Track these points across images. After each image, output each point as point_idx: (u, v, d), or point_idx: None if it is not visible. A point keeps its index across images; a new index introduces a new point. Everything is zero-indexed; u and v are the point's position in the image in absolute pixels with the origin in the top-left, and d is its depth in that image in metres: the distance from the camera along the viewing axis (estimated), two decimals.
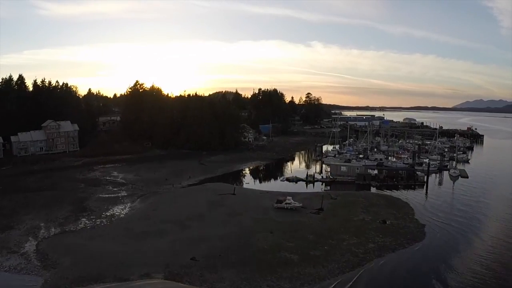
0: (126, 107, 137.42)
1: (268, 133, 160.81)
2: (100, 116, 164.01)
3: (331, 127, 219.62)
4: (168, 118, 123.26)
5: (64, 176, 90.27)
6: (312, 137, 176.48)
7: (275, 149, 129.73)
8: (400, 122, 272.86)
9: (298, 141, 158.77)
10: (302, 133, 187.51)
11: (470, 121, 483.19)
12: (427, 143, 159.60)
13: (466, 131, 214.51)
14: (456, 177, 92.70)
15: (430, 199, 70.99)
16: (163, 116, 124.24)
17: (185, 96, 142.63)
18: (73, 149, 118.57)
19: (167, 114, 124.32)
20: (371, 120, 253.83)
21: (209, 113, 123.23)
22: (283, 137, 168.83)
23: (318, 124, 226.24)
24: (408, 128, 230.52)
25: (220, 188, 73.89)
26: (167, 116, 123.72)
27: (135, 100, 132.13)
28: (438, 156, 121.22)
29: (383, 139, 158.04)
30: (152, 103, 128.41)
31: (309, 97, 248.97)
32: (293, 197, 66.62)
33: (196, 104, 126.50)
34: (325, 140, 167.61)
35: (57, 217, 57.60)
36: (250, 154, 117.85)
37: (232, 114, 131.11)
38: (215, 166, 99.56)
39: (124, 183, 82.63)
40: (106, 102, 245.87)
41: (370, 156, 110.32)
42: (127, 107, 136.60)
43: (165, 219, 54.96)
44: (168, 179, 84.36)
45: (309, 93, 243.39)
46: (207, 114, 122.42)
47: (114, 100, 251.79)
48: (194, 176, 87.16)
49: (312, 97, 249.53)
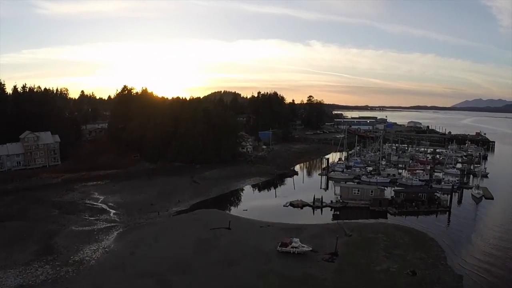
0: (113, 114, 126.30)
1: (268, 141, 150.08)
2: (88, 123, 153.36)
3: (334, 132, 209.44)
4: (158, 128, 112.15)
5: (39, 198, 79.74)
6: (315, 144, 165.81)
7: (276, 161, 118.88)
8: (405, 126, 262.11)
9: (300, 150, 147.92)
10: (304, 139, 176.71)
11: (473, 123, 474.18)
12: (439, 151, 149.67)
13: (475, 136, 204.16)
14: (480, 198, 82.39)
15: (458, 233, 60.30)
16: (153, 125, 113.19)
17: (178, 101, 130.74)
18: (53, 163, 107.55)
19: (157, 123, 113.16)
20: (375, 124, 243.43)
21: (203, 122, 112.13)
22: (284, 145, 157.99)
23: (320, 129, 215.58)
24: (415, 133, 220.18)
25: (213, 218, 63.18)
26: (157, 125, 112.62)
27: (122, 107, 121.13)
28: (454, 169, 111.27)
29: (392, 147, 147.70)
30: (141, 110, 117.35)
31: (310, 99, 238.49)
32: (300, 231, 56.42)
33: (189, 112, 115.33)
34: (328, 148, 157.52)
35: (16, 262, 47.39)
36: (248, 168, 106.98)
37: (229, 122, 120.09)
38: (209, 185, 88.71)
39: (103, 209, 71.87)
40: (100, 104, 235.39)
41: (382, 170, 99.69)
42: (114, 114, 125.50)
43: (143, 270, 44.23)
44: (154, 203, 73.53)
45: (310, 96, 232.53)
46: (201, 124, 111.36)
47: (108, 102, 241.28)
48: (184, 200, 76.25)
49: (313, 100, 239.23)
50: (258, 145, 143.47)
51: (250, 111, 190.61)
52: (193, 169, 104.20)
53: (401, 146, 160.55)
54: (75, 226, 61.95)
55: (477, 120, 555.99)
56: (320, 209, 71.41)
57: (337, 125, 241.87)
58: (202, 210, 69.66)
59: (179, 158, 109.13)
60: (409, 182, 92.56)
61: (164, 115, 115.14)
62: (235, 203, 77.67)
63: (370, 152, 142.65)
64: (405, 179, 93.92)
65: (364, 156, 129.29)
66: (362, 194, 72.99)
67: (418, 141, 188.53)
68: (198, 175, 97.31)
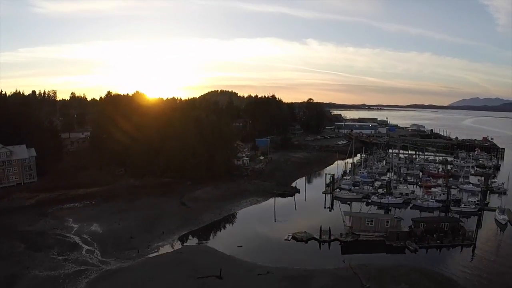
0: (97, 123, 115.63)
1: (266, 149, 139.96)
2: (73, 131, 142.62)
3: (335, 137, 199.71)
4: (144, 139, 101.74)
5: (7, 226, 69.29)
6: (315, 152, 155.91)
7: (274, 175, 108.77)
8: (409, 130, 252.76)
9: (301, 159, 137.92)
10: (304, 146, 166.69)
11: (474, 124, 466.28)
12: (449, 160, 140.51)
13: (483, 142, 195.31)
14: (505, 225, 72.84)
15: (493, 279, 50.64)
16: (139, 135, 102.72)
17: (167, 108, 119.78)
18: (29, 180, 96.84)
19: (143, 133, 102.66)
20: (377, 128, 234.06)
21: (194, 133, 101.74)
22: (283, 153, 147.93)
23: (321, 134, 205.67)
24: (419, 138, 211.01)
25: (201, 260, 52.94)
26: (143, 136, 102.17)
27: (106, 114, 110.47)
28: (470, 185, 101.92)
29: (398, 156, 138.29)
30: (126, 119, 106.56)
31: (310, 102, 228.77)
32: (307, 280, 46.77)
33: (179, 121, 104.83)
34: (331, 157, 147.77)
35: None
36: (245, 185, 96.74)
37: (223, 132, 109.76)
38: (200, 208, 78.33)
39: (75, 244, 61.38)
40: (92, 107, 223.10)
41: (393, 189, 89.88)
42: (97, 123, 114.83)
43: None
44: (134, 236, 63.12)
45: (310, 99, 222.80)
46: (192, 135, 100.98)
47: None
48: (170, 231, 65.85)
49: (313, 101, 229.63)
50: (255, 154, 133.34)
51: (247, 116, 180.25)
52: (183, 186, 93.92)
53: (409, 154, 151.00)
54: (40, 270, 51.52)
55: (478, 121, 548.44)
56: (328, 243, 61.42)
57: (337, 129, 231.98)
58: (189, 247, 59.51)
59: (168, 173, 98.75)
60: (425, 203, 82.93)
61: (151, 125, 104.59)
62: (228, 235, 67.17)
63: (376, 162, 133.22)
64: (420, 200, 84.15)
65: (370, 168, 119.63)
66: (376, 225, 63.04)
67: (424, 147, 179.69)
68: (188, 195, 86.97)
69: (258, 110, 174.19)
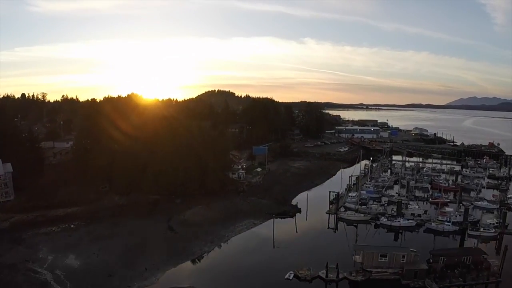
0: (80, 132, 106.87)
1: (264, 158, 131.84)
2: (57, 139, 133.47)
3: (336, 143, 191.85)
4: (130, 150, 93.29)
5: None
6: (316, 161, 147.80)
7: (273, 190, 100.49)
8: (412, 134, 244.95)
9: (301, 170, 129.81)
10: (304, 153, 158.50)
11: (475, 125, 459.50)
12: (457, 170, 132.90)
13: (489, 147, 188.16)
14: None
15: None
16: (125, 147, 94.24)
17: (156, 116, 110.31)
18: (5, 199, 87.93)
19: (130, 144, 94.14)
20: (379, 132, 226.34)
21: (185, 144, 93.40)
22: (282, 161, 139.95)
23: (321, 139, 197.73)
24: (424, 143, 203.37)
25: None
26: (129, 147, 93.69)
27: (91, 123, 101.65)
28: (485, 202, 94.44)
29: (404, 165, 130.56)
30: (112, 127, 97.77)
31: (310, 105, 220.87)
32: None
33: (170, 131, 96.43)
34: (332, 166, 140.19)
35: None
36: (240, 203, 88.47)
37: (217, 144, 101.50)
38: (189, 235, 69.88)
39: (46, 283, 53.24)
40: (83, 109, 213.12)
41: (404, 209, 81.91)
42: (80, 133, 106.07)
43: None
44: (113, 274, 54.89)
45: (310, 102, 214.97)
46: (183, 147, 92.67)
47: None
48: (154, 266, 57.46)
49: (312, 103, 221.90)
50: (252, 165, 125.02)
51: (243, 121, 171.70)
52: (172, 205, 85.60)
53: (415, 163, 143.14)
54: None
55: (478, 122, 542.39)
56: (336, 283, 53.31)
57: (338, 133, 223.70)
58: None
59: (156, 190, 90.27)
60: (440, 227, 75.08)
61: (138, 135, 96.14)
62: (221, 271, 58.38)
63: (382, 173, 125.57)
64: (435, 223, 76.21)
65: (376, 180, 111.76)
66: (390, 261, 54.99)
67: (429, 153, 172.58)
68: (177, 217, 78.53)
69: (255, 115, 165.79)
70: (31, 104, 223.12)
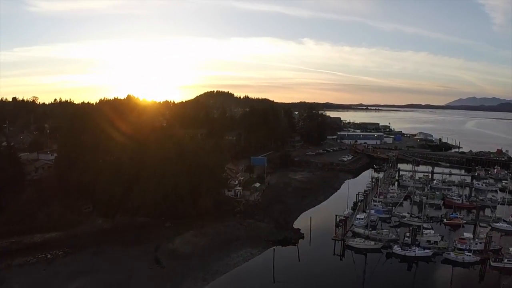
0: (62, 147, 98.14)
1: (263, 170, 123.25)
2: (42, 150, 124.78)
3: (338, 150, 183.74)
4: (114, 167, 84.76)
5: None
6: (319, 172, 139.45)
7: (273, 210, 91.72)
8: (416, 140, 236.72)
9: (303, 183, 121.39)
10: (306, 163, 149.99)
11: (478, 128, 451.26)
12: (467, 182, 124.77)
13: (498, 154, 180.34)
14: None
15: None
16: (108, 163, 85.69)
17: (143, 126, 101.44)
18: None
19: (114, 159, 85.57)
20: (383, 138, 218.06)
21: (175, 161, 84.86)
22: (282, 173, 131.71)
23: (322, 147, 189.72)
24: (430, 150, 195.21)
25: None
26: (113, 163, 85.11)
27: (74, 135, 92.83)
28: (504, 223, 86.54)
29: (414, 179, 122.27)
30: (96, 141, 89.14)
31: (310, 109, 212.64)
32: None
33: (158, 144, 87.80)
34: (336, 178, 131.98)
35: None
36: (236, 228, 79.61)
37: (212, 158, 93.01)
38: (178, 270, 61.19)
39: None
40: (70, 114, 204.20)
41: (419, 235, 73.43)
42: (63, 147, 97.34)
43: None
44: None
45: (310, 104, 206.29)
46: (173, 163, 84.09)
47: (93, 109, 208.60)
48: None
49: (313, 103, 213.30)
50: (251, 178, 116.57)
51: (241, 127, 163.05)
52: (161, 230, 77.02)
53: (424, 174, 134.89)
54: None
55: (480, 124, 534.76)
56: None
57: (340, 139, 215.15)
58: None
59: (144, 211, 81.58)
60: (460, 258, 66.87)
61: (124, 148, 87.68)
62: None
63: (389, 186, 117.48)
64: (454, 253, 67.94)
65: (385, 196, 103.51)
66: None
67: (436, 162, 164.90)
68: (165, 246, 69.74)
69: (254, 122, 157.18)
70: (21, 109, 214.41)
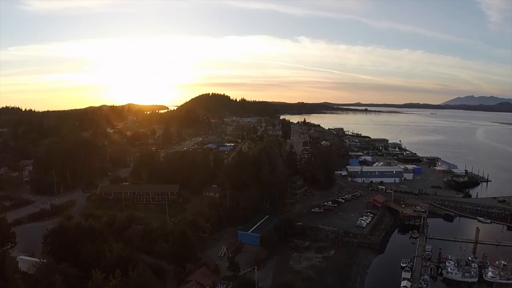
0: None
1: (256, 252, 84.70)
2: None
3: (351, 199, 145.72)
4: None
5: None
6: (332, 250, 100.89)
7: None
8: (440, 174, 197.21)
9: (311, 280, 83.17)
10: (313, 231, 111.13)
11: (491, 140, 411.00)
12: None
13: None
14: None
15: None
16: None
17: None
18: None
19: None
20: (402, 175, 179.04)
21: None
22: (280, 260, 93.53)
23: (331, 191, 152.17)
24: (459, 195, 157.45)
25: None
26: None
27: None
28: None
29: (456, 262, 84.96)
30: None
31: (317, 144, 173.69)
32: None
33: None
34: (356, 265, 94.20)
35: None
36: None
37: None
38: None
39: None
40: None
41: None
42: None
43: None
44: None
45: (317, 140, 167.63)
46: None
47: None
48: None
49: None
50: (234, 275, 78.03)
51: (226, 184, 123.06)
52: None
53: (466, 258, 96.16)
54: None
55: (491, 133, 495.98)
56: None
57: (352, 178, 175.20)
58: None
59: None
60: None
61: None
62: None
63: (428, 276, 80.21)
64: None
65: None
66: None
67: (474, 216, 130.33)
68: None
69: (243, 175, 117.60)
70: None
